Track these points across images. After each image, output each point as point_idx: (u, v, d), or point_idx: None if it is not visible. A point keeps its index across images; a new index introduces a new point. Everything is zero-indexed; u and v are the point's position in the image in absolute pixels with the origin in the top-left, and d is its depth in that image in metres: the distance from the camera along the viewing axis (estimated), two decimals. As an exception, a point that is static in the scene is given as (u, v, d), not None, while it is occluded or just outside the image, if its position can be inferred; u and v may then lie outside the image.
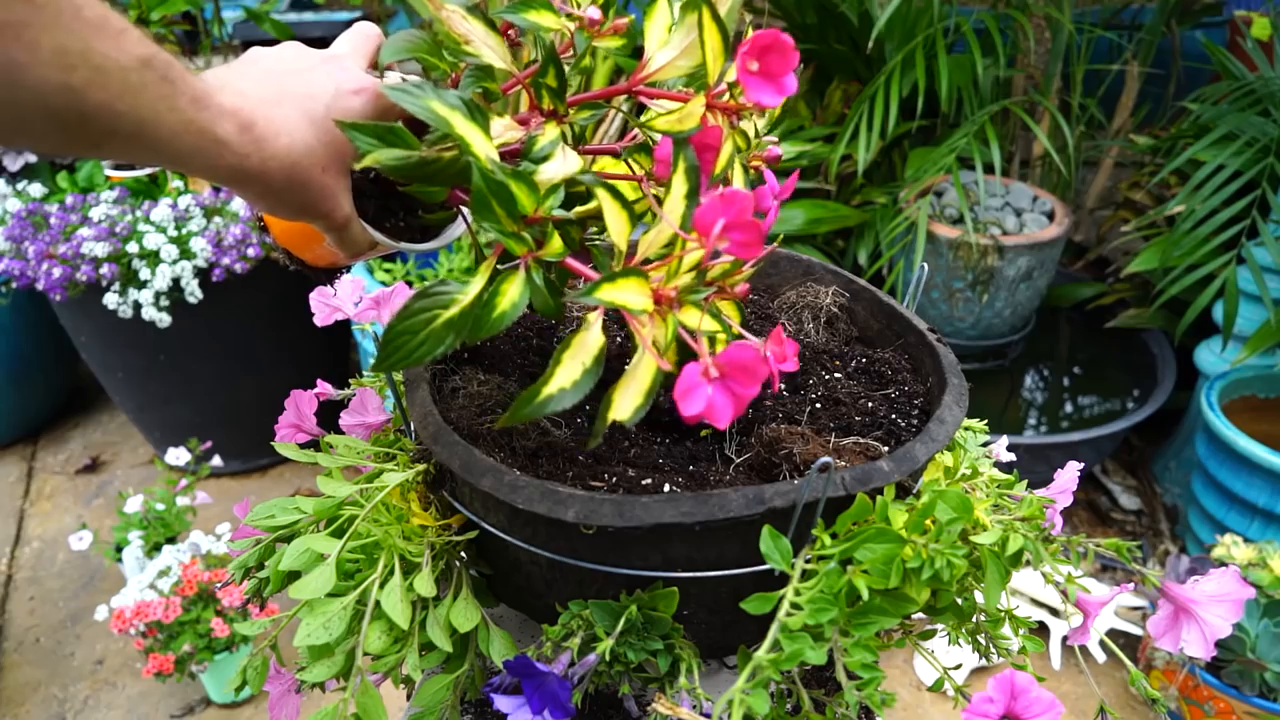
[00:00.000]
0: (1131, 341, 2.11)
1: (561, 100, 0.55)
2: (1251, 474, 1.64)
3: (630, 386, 0.48)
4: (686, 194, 0.51)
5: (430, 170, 0.50)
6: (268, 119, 0.48)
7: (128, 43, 0.42)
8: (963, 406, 0.63)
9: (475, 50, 0.54)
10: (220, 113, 0.46)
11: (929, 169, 1.96)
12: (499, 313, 0.48)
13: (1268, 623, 1.41)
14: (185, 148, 0.45)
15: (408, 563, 0.58)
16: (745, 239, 0.47)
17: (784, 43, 0.49)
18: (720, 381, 0.46)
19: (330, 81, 0.51)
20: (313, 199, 0.51)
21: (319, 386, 0.76)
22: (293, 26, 2.53)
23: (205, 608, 1.53)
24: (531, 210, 0.49)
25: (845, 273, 0.82)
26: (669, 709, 0.53)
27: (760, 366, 0.45)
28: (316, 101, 0.50)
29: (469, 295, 0.48)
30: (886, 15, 1.84)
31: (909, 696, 1.64)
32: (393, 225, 0.60)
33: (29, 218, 1.87)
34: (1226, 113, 1.85)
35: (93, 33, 0.40)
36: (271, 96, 0.49)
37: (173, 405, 2.09)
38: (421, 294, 0.48)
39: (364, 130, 0.48)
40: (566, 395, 0.48)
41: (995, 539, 0.55)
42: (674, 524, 0.51)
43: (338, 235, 0.55)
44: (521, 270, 0.49)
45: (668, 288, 0.48)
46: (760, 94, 0.49)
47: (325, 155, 0.50)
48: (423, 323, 0.47)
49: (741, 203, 0.46)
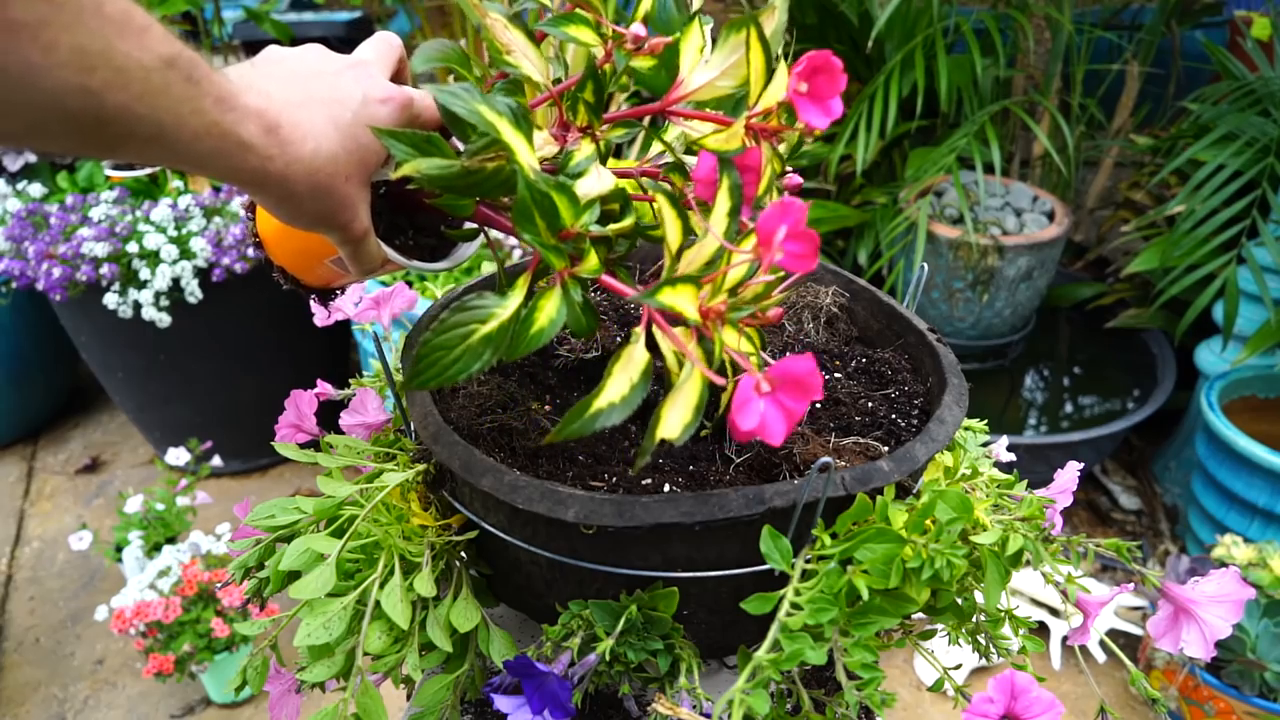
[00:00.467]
0: (1131, 341, 2.11)
1: (598, 117, 0.54)
2: (1251, 474, 1.64)
3: (679, 402, 0.47)
4: (730, 211, 0.50)
5: (472, 180, 0.48)
6: (294, 123, 0.46)
7: (151, 40, 0.40)
8: (963, 406, 0.63)
9: (515, 61, 0.53)
10: (246, 114, 0.44)
11: (929, 169, 1.96)
12: (537, 329, 0.47)
13: (1268, 623, 1.41)
14: (206, 150, 0.43)
15: (408, 563, 0.58)
16: (802, 250, 0.47)
17: (834, 65, 0.48)
18: (772, 397, 0.45)
19: (358, 88, 0.50)
20: (333, 208, 0.50)
21: (319, 386, 0.76)
22: (292, 26, 2.53)
23: (205, 608, 1.54)
24: (571, 224, 0.48)
25: (845, 273, 0.82)
26: (669, 709, 0.53)
27: (813, 380, 0.44)
28: (344, 108, 0.48)
29: (508, 310, 0.47)
30: (886, 15, 1.84)
31: (909, 696, 1.64)
32: (401, 243, 0.59)
33: (29, 218, 1.87)
34: (1226, 113, 1.85)
35: (115, 31, 0.39)
36: (298, 99, 0.47)
37: (173, 405, 2.09)
38: (457, 308, 0.46)
39: (401, 138, 0.47)
40: (616, 410, 0.47)
41: (995, 539, 0.55)
42: (674, 524, 0.51)
43: (353, 248, 0.53)
44: (559, 287, 0.48)
45: (714, 303, 0.48)
46: (809, 115, 0.49)
47: (349, 164, 0.49)
48: (459, 338, 0.46)
49: (799, 213, 0.46)
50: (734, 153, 0.51)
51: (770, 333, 0.78)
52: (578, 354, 0.72)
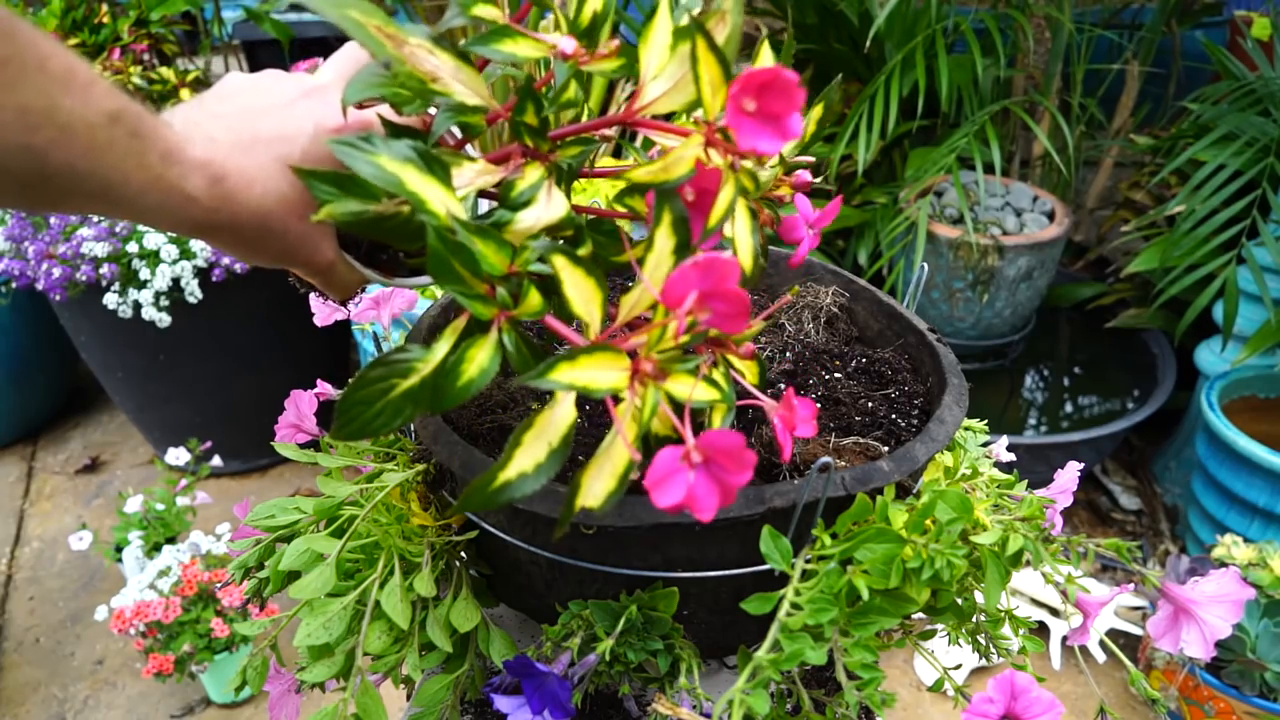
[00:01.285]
0: (1131, 341, 2.11)
1: (543, 138, 0.50)
2: (1251, 474, 1.64)
3: (603, 469, 0.43)
4: (674, 249, 0.45)
5: (387, 226, 0.46)
6: (240, 169, 0.45)
7: (96, 96, 0.39)
8: (963, 406, 0.63)
9: (445, 88, 0.48)
10: (191, 167, 0.43)
11: (929, 169, 1.95)
12: (465, 381, 0.43)
13: (1268, 623, 1.41)
14: (151, 204, 0.42)
15: (408, 563, 0.59)
16: (728, 309, 0.42)
17: (785, 80, 0.41)
18: (704, 467, 0.40)
19: (309, 120, 0.48)
20: (290, 247, 0.49)
21: (319, 386, 0.76)
22: (293, 26, 2.53)
23: (205, 608, 1.54)
24: (503, 268, 0.44)
25: (845, 273, 0.82)
26: (669, 709, 0.53)
27: (746, 455, 0.39)
28: (293, 145, 0.47)
29: (430, 364, 0.44)
30: (885, 14, 1.84)
31: (909, 696, 1.64)
32: (389, 257, 0.58)
33: (29, 217, 1.87)
34: (1226, 113, 1.85)
35: (59, 88, 0.38)
36: (245, 141, 0.46)
37: (173, 405, 2.09)
38: (379, 361, 0.44)
39: (323, 179, 0.44)
40: (528, 480, 0.43)
41: (995, 539, 0.55)
42: (674, 524, 0.51)
43: (324, 279, 0.53)
44: (493, 333, 0.44)
45: (648, 356, 0.43)
46: (758, 139, 0.43)
47: (301, 202, 0.47)
48: (378, 393, 0.43)
49: (721, 270, 0.41)
50: (675, 183, 0.46)
51: (770, 333, 0.78)
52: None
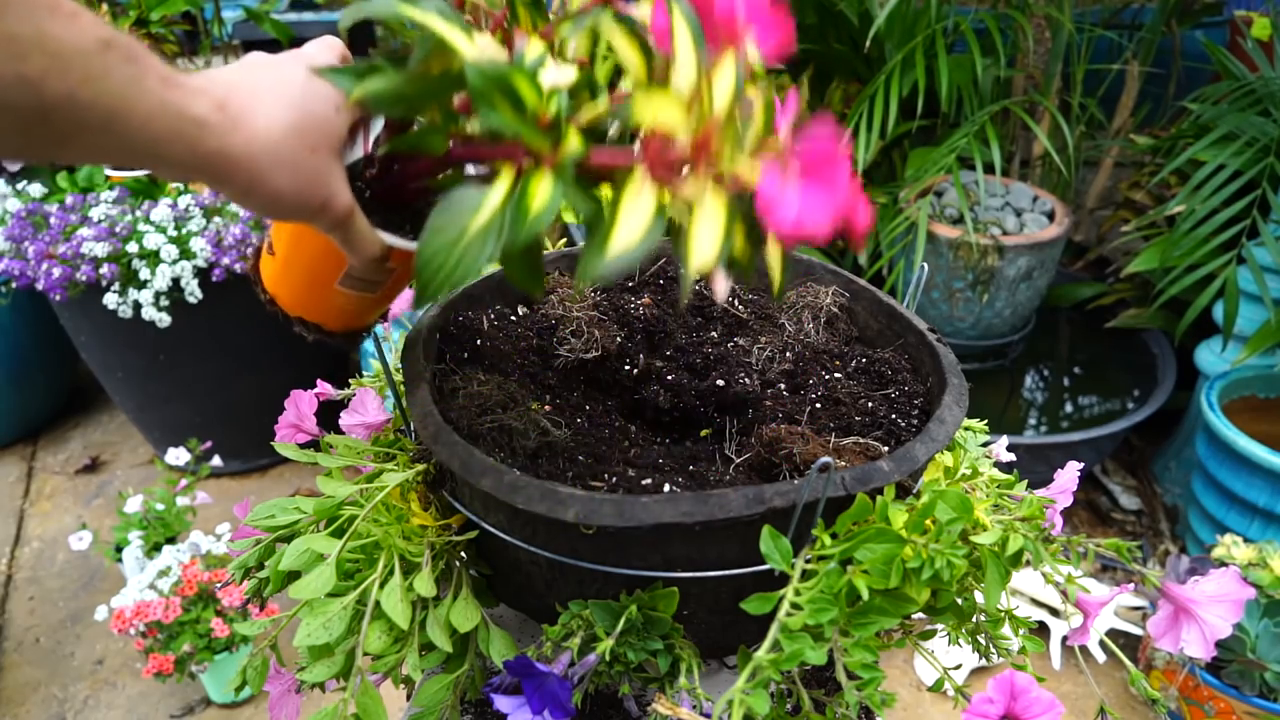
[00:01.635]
0: (1131, 341, 2.11)
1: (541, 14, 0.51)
2: (1251, 474, 1.64)
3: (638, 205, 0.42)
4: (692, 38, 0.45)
5: (423, 86, 0.46)
6: (240, 101, 0.45)
7: (84, 24, 0.38)
8: (963, 406, 0.63)
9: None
10: (193, 91, 0.43)
11: (929, 169, 1.95)
12: (535, 213, 0.43)
13: (1268, 623, 1.41)
14: (161, 132, 0.41)
15: (408, 563, 0.58)
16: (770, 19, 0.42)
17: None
18: (804, 178, 0.40)
19: (298, 70, 0.49)
20: (307, 182, 0.48)
21: (319, 386, 0.76)
22: (293, 26, 2.53)
23: (205, 608, 1.53)
24: (540, 109, 0.44)
25: (845, 273, 0.82)
26: (669, 709, 0.53)
27: (835, 145, 0.40)
28: (291, 86, 0.48)
29: (494, 199, 0.43)
30: (885, 14, 1.84)
31: (909, 696, 1.64)
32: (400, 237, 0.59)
33: (29, 218, 1.87)
34: (1226, 113, 1.85)
35: (45, 15, 0.37)
36: (242, 84, 0.46)
37: (173, 405, 2.09)
38: (438, 212, 0.43)
39: (344, 72, 0.45)
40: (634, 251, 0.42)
41: (995, 539, 0.55)
42: (674, 524, 0.51)
43: (344, 233, 0.52)
44: (548, 169, 0.44)
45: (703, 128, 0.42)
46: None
47: (311, 134, 0.47)
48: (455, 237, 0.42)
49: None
50: None
51: (770, 332, 0.78)
52: (577, 354, 0.72)
